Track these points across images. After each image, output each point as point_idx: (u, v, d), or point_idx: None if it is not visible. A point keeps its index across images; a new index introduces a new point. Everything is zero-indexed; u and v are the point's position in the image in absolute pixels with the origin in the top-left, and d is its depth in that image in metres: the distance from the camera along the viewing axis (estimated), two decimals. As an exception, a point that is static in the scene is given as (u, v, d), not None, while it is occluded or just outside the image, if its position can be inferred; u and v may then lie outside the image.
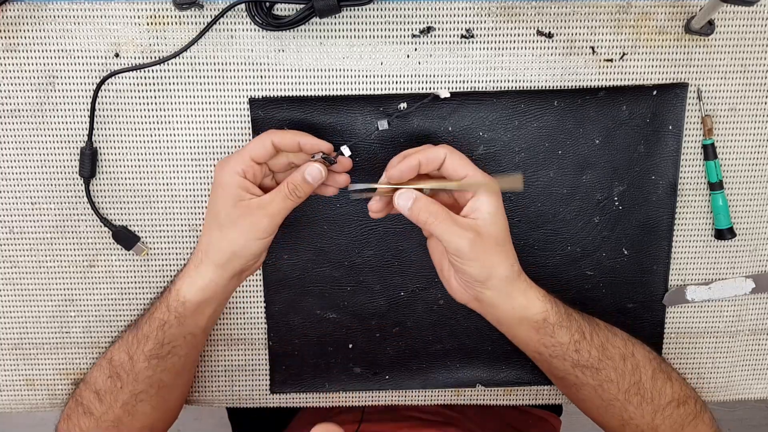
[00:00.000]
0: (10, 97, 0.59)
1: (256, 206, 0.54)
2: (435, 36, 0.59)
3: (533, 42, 0.59)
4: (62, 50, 0.58)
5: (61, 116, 0.60)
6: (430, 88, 0.60)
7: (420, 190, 0.53)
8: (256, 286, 0.65)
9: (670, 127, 0.61)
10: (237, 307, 0.65)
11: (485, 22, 0.58)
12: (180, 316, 0.56)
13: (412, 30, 0.59)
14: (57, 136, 0.60)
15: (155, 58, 0.58)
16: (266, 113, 0.60)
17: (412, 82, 0.60)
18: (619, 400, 0.57)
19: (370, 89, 0.60)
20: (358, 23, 0.58)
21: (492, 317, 0.57)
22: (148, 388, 0.59)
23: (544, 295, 0.56)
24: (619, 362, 0.57)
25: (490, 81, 0.60)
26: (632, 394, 0.57)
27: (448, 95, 0.58)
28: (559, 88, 0.60)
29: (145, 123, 0.60)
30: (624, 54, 0.60)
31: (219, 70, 0.59)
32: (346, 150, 0.55)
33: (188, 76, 0.59)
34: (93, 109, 0.58)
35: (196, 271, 0.56)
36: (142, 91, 0.60)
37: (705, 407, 0.60)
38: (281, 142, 0.54)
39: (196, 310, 0.57)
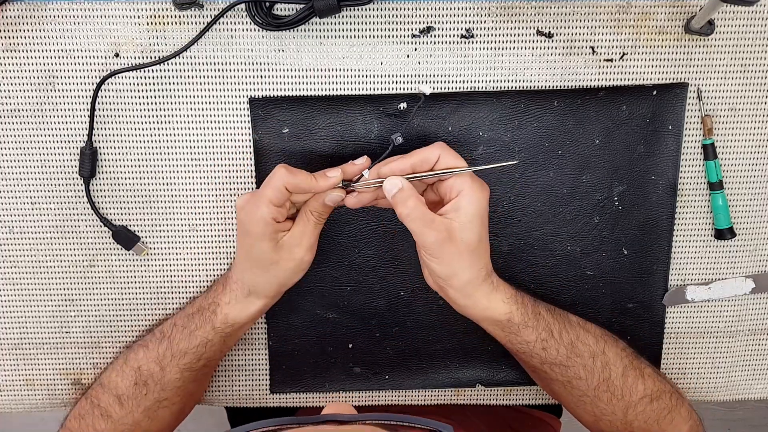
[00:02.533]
0: (10, 97, 0.59)
1: (293, 244, 0.55)
2: (435, 36, 0.59)
3: (533, 42, 0.59)
4: (62, 50, 0.58)
5: (61, 116, 0.60)
6: (430, 88, 0.60)
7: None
8: (256, 286, 0.65)
9: (670, 127, 0.61)
10: (237, 307, 0.65)
11: (485, 22, 0.58)
12: (227, 336, 0.59)
13: (412, 30, 0.59)
14: (57, 136, 0.60)
15: (155, 58, 0.58)
16: (266, 113, 0.60)
17: (412, 82, 0.60)
18: (588, 396, 0.59)
19: (370, 89, 0.60)
20: (358, 23, 0.58)
21: (458, 309, 0.58)
22: (173, 396, 0.60)
23: (509, 297, 0.56)
24: (588, 360, 0.58)
25: (490, 81, 0.60)
26: (602, 390, 0.58)
27: (429, 92, 0.57)
28: (559, 88, 0.60)
29: (145, 123, 0.60)
30: (624, 54, 0.60)
31: (219, 70, 0.59)
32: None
33: (188, 76, 0.59)
34: (93, 109, 0.58)
35: (246, 301, 0.58)
36: (142, 91, 0.59)
37: (681, 401, 0.61)
38: (295, 188, 0.53)
39: (241, 329, 0.60)
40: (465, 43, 0.59)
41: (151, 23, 0.58)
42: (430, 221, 0.52)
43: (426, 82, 0.60)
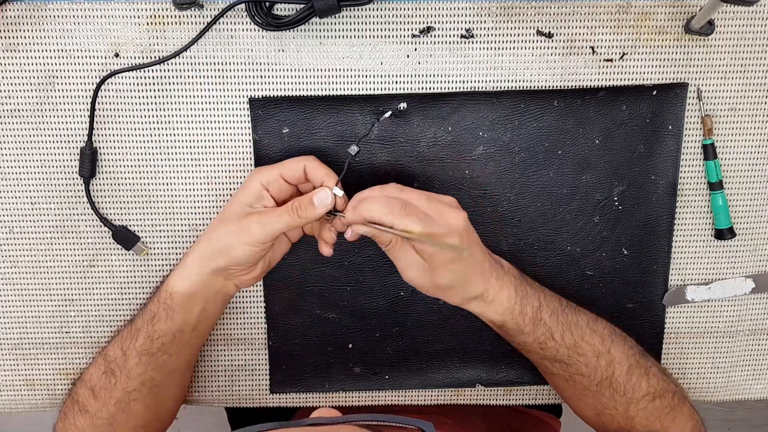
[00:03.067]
0: (10, 97, 0.59)
1: (257, 217, 0.54)
2: (435, 36, 0.59)
3: (533, 42, 0.59)
4: (62, 50, 0.58)
5: (61, 116, 0.60)
6: (430, 88, 0.60)
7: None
8: (256, 286, 0.65)
9: (670, 127, 0.61)
10: (237, 307, 0.65)
11: (485, 22, 0.58)
12: (168, 308, 0.57)
13: (412, 30, 0.59)
14: (57, 136, 0.60)
15: (155, 58, 0.58)
16: (266, 113, 0.60)
17: (412, 82, 0.60)
18: (591, 390, 0.59)
19: (370, 89, 0.60)
20: (358, 23, 0.58)
21: None
22: (140, 387, 0.59)
23: (505, 309, 0.57)
24: (592, 359, 0.58)
25: (490, 81, 0.60)
26: (604, 387, 0.58)
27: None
28: (559, 88, 0.60)
29: (145, 123, 0.60)
30: (624, 54, 0.60)
31: (219, 70, 0.59)
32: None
33: (188, 76, 0.59)
34: (93, 109, 0.58)
35: (184, 262, 0.58)
36: (142, 91, 0.60)
37: (684, 400, 0.61)
38: (312, 175, 0.55)
39: (184, 305, 0.57)
40: (465, 43, 0.59)
41: (151, 23, 0.58)
42: (405, 258, 0.55)
43: (426, 82, 0.60)
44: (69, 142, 0.60)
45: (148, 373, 0.59)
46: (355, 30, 0.58)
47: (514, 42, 0.59)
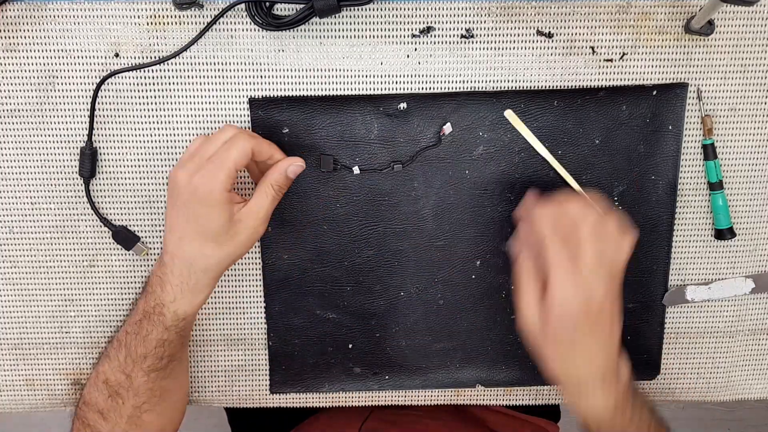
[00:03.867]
0: (10, 97, 0.59)
1: (247, 216, 0.54)
2: (435, 36, 0.59)
3: (533, 42, 0.59)
4: (62, 50, 0.58)
5: (61, 116, 0.60)
6: (430, 88, 0.60)
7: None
8: (256, 286, 0.65)
9: (670, 127, 0.61)
10: (237, 307, 0.65)
11: (485, 22, 0.58)
12: (181, 330, 0.57)
13: (412, 30, 0.59)
14: (57, 136, 0.60)
15: (155, 58, 0.58)
16: (266, 113, 0.60)
17: (412, 82, 0.60)
18: None
19: (370, 89, 0.60)
20: (358, 23, 0.58)
21: None
22: (150, 398, 0.59)
23: (586, 417, 0.54)
24: None
25: (490, 81, 0.60)
26: None
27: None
28: (559, 88, 0.60)
29: (145, 123, 0.60)
30: (624, 54, 0.60)
31: (219, 70, 0.59)
32: (356, 170, 0.58)
33: (188, 76, 0.59)
34: (93, 109, 0.58)
35: (194, 292, 0.55)
36: (142, 91, 0.60)
37: None
38: (259, 152, 0.53)
39: (194, 318, 0.59)
40: (465, 43, 0.59)
41: (151, 23, 0.58)
42: (527, 306, 0.52)
43: (426, 82, 0.60)
44: (69, 142, 0.61)
45: (158, 384, 0.59)
46: (355, 30, 0.58)
47: (514, 42, 0.59)
